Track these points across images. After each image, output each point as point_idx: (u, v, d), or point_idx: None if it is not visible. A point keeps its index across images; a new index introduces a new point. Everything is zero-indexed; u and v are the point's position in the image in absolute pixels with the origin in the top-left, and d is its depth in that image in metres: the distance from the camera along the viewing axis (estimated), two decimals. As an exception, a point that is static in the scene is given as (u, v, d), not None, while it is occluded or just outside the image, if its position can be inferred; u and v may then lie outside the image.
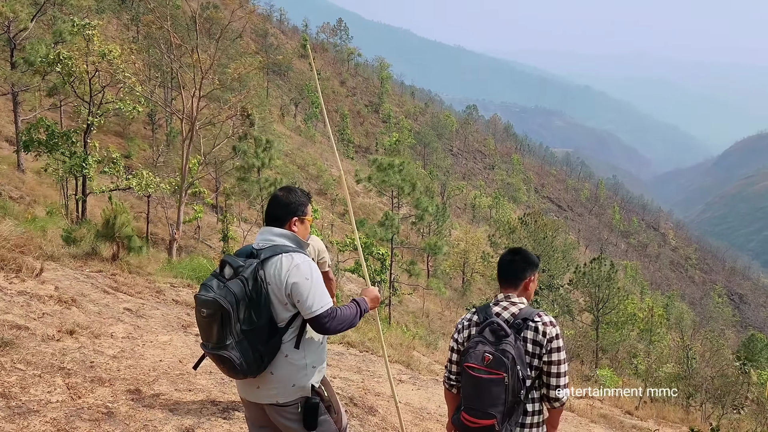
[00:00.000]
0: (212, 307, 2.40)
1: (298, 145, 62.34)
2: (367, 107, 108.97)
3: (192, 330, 6.68)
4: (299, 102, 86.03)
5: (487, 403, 2.54)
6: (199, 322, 2.52)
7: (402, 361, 8.74)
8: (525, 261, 2.90)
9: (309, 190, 3.07)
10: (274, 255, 2.58)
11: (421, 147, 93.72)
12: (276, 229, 2.72)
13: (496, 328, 2.66)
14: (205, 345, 2.52)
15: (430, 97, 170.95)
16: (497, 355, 2.54)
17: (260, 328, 2.49)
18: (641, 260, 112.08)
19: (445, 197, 78.10)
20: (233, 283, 2.45)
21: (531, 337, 2.69)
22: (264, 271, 2.54)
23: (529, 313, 2.74)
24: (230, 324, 2.41)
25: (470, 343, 2.68)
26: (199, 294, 2.48)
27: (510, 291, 2.85)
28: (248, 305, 2.46)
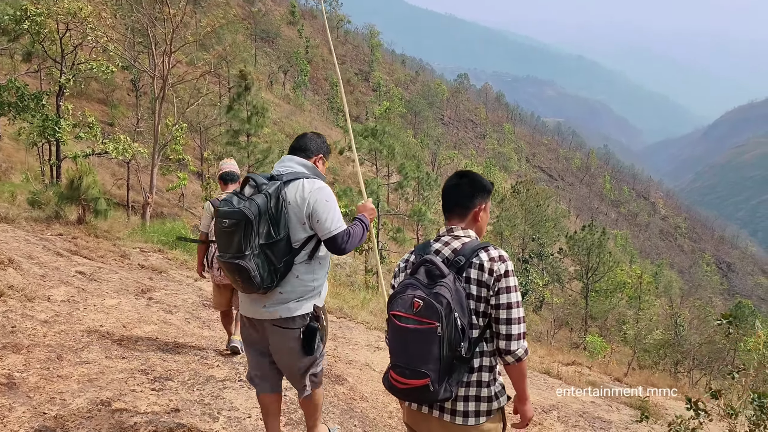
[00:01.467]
0: (236, 216, 2.49)
1: (287, 114, 61.31)
2: (357, 75, 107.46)
3: (148, 295, 6.16)
4: (288, 70, 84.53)
5: (418, 359, 2.06)
6: (219, 233, 2.59)
7: (381, 328, 8.28)
8: (473, 185, 2.39)
9: None
10: (296, 178, 2.70)
11: (412, 116, 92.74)
12: (300, 159, 2.85)
13: (431, 268, 2.16)
14: (222, 255, 2.57)
15: (420, 65, 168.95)
16: (428, 300, 2.05)
17: (277, 244, 2.58)
18: (631, 229, 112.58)
19: (436, 166, 77.47)
20: (257, 196, 2.56)
21: (475, 276, 2.19)
22: (286, 191, 2.65)
23: (473, 248, 2.23)
24: (250, 235, 2.50)
25: (399, 287, 2.18)
26: (221, 207, 2.57)
27: (454, 223, 2.37)
28: (268, 220, 2.57)
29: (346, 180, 49.47)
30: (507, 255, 2.26)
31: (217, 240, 2.65)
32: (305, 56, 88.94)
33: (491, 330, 2.23)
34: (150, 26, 14.59)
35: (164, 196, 29.64)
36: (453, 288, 2.10)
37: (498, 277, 2.18)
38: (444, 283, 2.09)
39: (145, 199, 14.65)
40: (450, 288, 2.09)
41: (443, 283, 2.09)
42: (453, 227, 2.35)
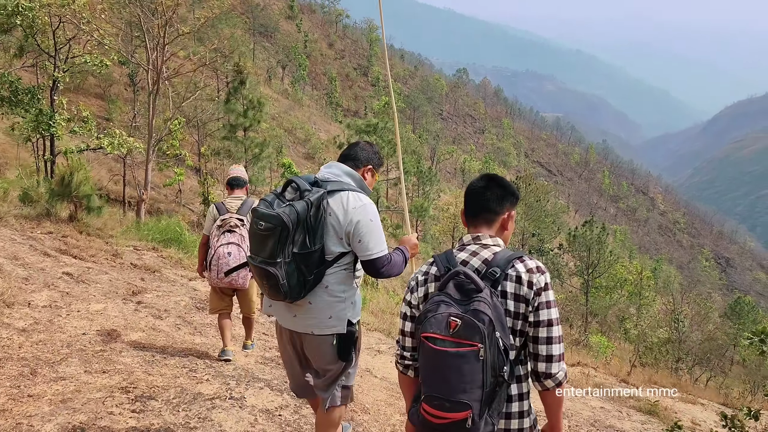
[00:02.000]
0: (273, 221, 2.39)
1: (285, 109, 60.90)
2: (356, 70, 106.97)
3: (138, 298, 5.87)
4: (286, 64, 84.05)
5: (458, 389, 1.77)
6: (253, 234, 2.51)
7: (382, 329, 8.01)
8: (502, 190, 2.16)
9: (297, 155, 2.56)
10: (341, 189, 2.57)
11: (411, 111, 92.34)
12: (347, 168, 2.70)
13: (463, 281, 1.89)
14: (253, 258, 2.49)
15: (419, 60, 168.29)
16: (468, 319, 1.78)
17: (310, 255, 2.46)
18: (630, 224, 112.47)
19: (435, 161, 77.18)
20: (298, 203, 2.44)
21: (512, 290, 1.94)
22: (329, 201, 2.53)
23: (508, 258, 1.99)
24: (285, 242, 2.39)
25: (429, 305, 1.89)
26: (259, 207, 2.47)
27: (481, 230, 2.13)
28: (305, 229, 2.45)
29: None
30: (544, 266, 2.03)
31: (251, 241, 2.58)
32: (304, 51, 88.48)
33: (526, 351, 2.00)
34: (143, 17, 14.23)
35: (161, 192, 29.32)
36: (491, 303, 1.85)
37: (538, 291, 1.95)
38: (482, 299, 1.83)
39: (139, 195, 14.34)
40: (489, 303, 1.83)
41: (481, 299, 1.83)
42: (480, 234, 2.10)
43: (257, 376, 4.05)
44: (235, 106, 19.95)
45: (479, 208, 2.14)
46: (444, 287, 1.91)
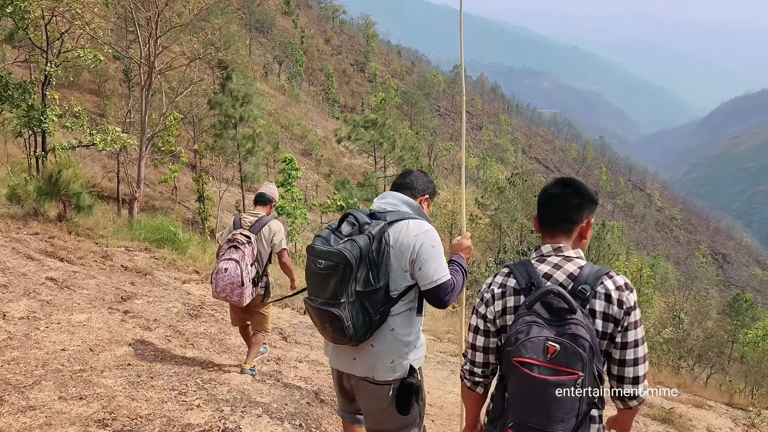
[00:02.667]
0: (334, 258, 2.21)
1: (282, 105, 60.45)
2: (353, 66, 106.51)
3: (126, 305, 5.49)
4: (283, 60, 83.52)
5: (556, 419, 1.65)
6: (311, 273, 2.32)
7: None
8: (581, 195, 1.98)
9: (293, 151, 2.16)
10: (401, 219, 2.42)
11: (408, 107, 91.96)
12: (405, 197, 2.54)
13: (553, 300, 1.74)
14: (313, 300, 2.31)
15: (416, 56, 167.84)
16: (568, 345, 1.64)
17: (375, 293, 2.30)
18: (627, 221, 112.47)
19: (432, 158, 76.80)
20: (359, 237, 2.27)
21: (601, 309, 1.81)
22: (389, 232, 2.36)
23: (596, 274, 1.85)
24: (348, 281, 2.22)
25: (519, 326, 1.74)
26: (315, 244, 2.31)
27: (560, 240, 1.97)
28: (368, 265, 2.28)
29: (342, 171, 48.81)
30: (631, 283, 1.89)
31: (308, 281, 2.37)
32: (300, 47, 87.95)
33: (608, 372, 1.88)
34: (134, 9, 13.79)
35: (156, 189, 28.90)
36: (587, 326, 1.70)
37: (628, 311, 1.82)
38: (579, 322, 1.69)
39: (132, 193, 13.94)
40: (585, 327, 1.69)
41: (578, 322, 1.69)
42: (561, 246, 1.95)
43: (254, 400, 3.67)
44: (222, 100, 19.56)
45: (557, 217, 1.97)
46: (533, 305, 1.77)
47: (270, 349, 5.36)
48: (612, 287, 1.80)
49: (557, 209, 1.97)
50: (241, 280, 4.15)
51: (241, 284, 4.16)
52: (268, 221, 4.48)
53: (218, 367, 4.33)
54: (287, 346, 5.71)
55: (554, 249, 1.94)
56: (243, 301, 4.28)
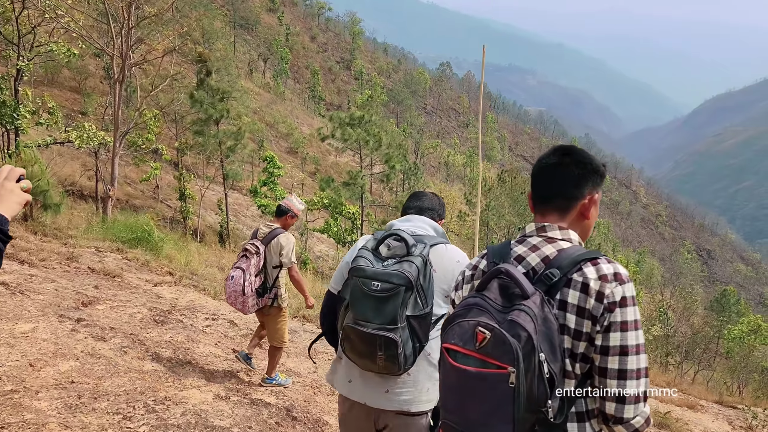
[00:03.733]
0: (396, 280, 2.06)
1: (267, 102, 59.83)
2: (339, 64, 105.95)
3: (84, 312, 5.04)
4: (268, 58, 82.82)
5: (475, 420, 1.36)
6: (362, 296, 2.11)
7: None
8: (581, 166, 1.60)
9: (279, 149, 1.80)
10: (438, 243, 2.31)
11: (394, 104, 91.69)
12: (427, 219, 2.45)
13: (507, 283, 1.44)
14: (364, 324, 2.10)
15: (403, 54, 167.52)
16: (498, 332, 1.32)
17: (424, 318, 2.17)
18: (613, 218, 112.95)
19: (419, 155, 76.53)
20: (414, 258, 2.14)
21: (575, 301, 1.43)
22: (431, 256, 2.24)
23: (575, 258, 1.47)
24: (407, 303, 2.10)
25: (459, 308, 1.46)
26: (362, 265, 2.12)
27: (551, 218, 1.61)
28: (418, 288, 2.15)
29: (328, 170, 48.35)
30: (626, 273, 1.46)
31: (357, 306, 2.14)
32: (285, 44, 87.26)
33: (593, 383, 1.45)
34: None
35: (138, 188, 28.30)
36: (539, 315, 1.37)
37: (610, 306, 1.40)
38: (525, 307, 1.36)
39: (105, 191, 13.42)
40: (534, 315, 1.35)
41: (524, 307, 1.36)
42: (546, 225, 1.58)
43: (212, 424, 3.22)
44: (202, 98, 19.05)
45: (550, 191, 1.62)
46: (484, 287, 1.47)
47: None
48: (593, 275, 1.42)
49: (551, 182, 1.62)
50: (242, 289, 4.29)
51: (243, 292, 4.29)
52: (278, 234, 4.57)
53: (178, 381, 3.90)
54: (261, 354, 5.30)
55: (538, 228, 1.59)
56: (245, 310, 4.38)
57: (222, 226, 24.17)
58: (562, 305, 1.43)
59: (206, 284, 7.97)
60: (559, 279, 1.44)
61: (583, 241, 1.61)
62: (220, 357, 4.90)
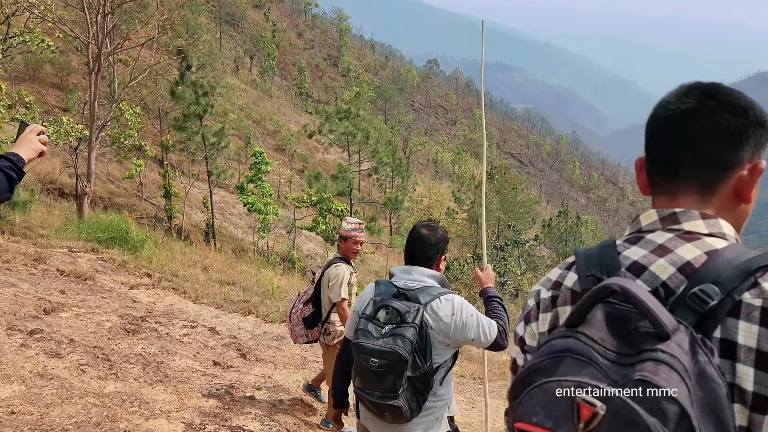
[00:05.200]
0: (390, 357, 2.25)
1: (253, 99, 59.02)
2: (326, 61, 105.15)
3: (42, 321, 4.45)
4: (254, 54, 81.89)
5: None
6: (364, 370, 2.31)
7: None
8: (737, 112, 0.95)
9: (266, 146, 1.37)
10: (432, 299, 2.41)
11: (382, 102, 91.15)
12: (425, 270, 2.54)
13: (624, 312, 0.81)
14: (369, 393, 2.33)
15: (390, 51, 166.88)
16: (621, 405, 0.70)
17: (424, 374, 2.35)
18: (601, 215, 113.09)
19: (408, 153, 76.06)
20: (406, 330, 2.31)
21: (751, 341, 0.79)
22: (427, 316, 2.39)
23: (744, 268, 0.83)
24: (404, 373, 2.29)
25: (540, 359, 0.82)
26: (361, 341, 2.30)
27: (684, 200, 0.96)
28: (414, 351, 2.32)
29: (315, 167, 47.71)
30: None
31: (361, 377, 2.37)
32: (272, 40, 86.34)
33: None
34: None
35: (121, 185, 27.55)
36: (692, 370, 0.75)
37: None
38: (665, 356, 0.74)
39: (81, 188, 12.76)
40: (684, 370, 0.73)
41: (663, 356, 0.74)
42: (680, 212, 0.95)
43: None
44: (183, 93, 18.37)
45: (684, 155, 0.97)
46: (580, 319, 0.84)
47: (223, 373, 4.40)
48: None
49: (687, 140, 0.96)
50: (289, 315, 4.11)
51: (289, 319, 4.11)
52: (332, 263, 4.14)
53: (145, 407, 3.33)
54: (245, 366, 4.73)
55: (663, 218, 0.95)
56: (293, 338, 4.11)
57: (208, 224, 23.54)
58: (726, 349, 0.81)
59: (187, 286, 7.38)
60: (720, 303, 0.81)
61: (737, 234, 0.97)
62: (198, 372, 4.33)
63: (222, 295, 7.22)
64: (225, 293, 7.31)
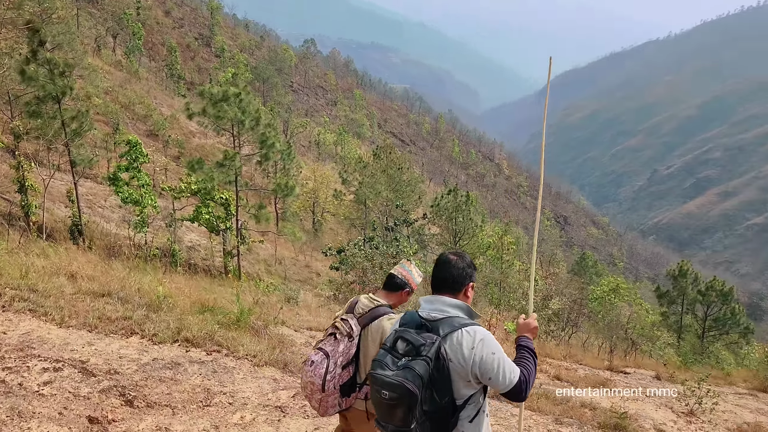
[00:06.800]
0: (398, 391, 2.24)
1: (120, 82, 54.66)
2: (198, 40, 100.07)
3: None
4: (118, 33, 76.03)
5: None
6: (378, 402, 2.35)
7: (275, 362, 5.68)
8: None
9: (137, 132, 1.35)
10: (453, 330, 2.39)
11: (260, 83, 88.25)
12: (449, 299, 2.51)
13: None
14: (384, 426, 2.36)
15: (265, 31, 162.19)
16: None
17: (442, 408, 2.32)
18: (480, 190, 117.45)
19: (289, 135, 74.21)
20: (417, 363, 2.28)
21: None
22: (446, 348, 2.36)
23: None
24: (416, 407, 2.26)
25: None
26: (376, 372, 2.32)
27: None
28: (431, 386, 2.30)
29: (193, 152, 45.12)
30: None
31: (376, 408, 2.37)
32: (137, 18, 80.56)
33: None
34: None
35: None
36: None
37: None
38: None
39: None
40: None
41: None
42: None
43: None
44: (36, 73, 16.12)
45: None
46: None
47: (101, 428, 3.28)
48: None
49: None
50: (322, 383, 3.02)
51: (322, 389, 3.03)
52: (383, 314, 3.15)
53: None
54: (133, 417, 3.63)
55: None
56: (322, 411, 3.13)
57: (74, 220, 21.12)
58: None
59: (49, 305, 5.94)
60: None
61: None
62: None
63: (96, 312, 5.89)
64: (99, 309, 5.99)
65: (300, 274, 30.96)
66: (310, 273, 31.64)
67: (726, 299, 24.34)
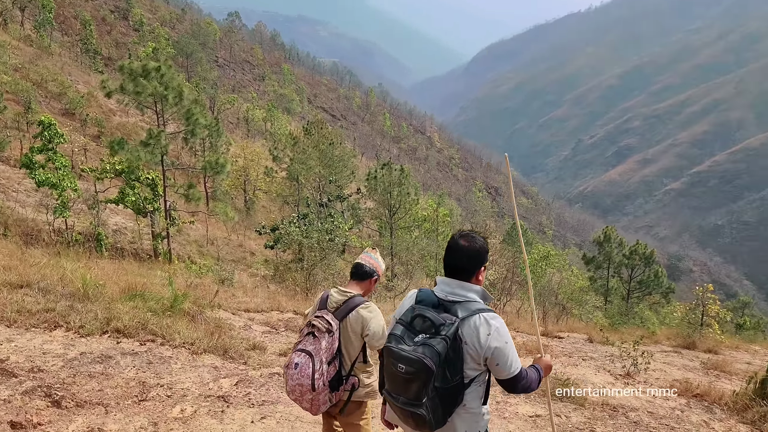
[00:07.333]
0: (416, 366, 2.35)
1: (30, 58, 51.35)
2: (114, 13, 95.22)
3: None
4: (26, 6, 71.29)
5: None
6: (392, 375, 2.46)
7: (214, 349, 5.38)
8: None
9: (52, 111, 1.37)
10: (470, 315, 2.49)
11: (183, 58, 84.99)
12: (464, 283, 2.59)
13: None
14: (395, 398, 2.47)
15: (186, 3, 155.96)
16: None
17: (453, 386, 2.44)
18: (412, 163, 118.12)
19: (216, 111, 72.02)
20: (437, 342, 2.39)
21: None
22: (462, 331, 2.46)
23: None
24: (430, 383, 2.36)
25: None
26: (392, 346, 2.44)
27: None
28: (446, 363, 2.40)
29: (114, 131, 43.11)
30: None
31: (389, 380, 2.49)
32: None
33: None
34: None
35: None
36: None
37: None
38: None
39: None
40: None
41: None
42: None
43: None
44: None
45: None
46: None
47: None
48: None
49: None
50: (311, 383, 3.09)
51: (312, 388, 3.10)
52: (358, 304, 3.23)
53: None
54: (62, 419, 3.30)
55: None
56: (314, 410, 3.22)
57: (-14, 206, 19.73)
58: None
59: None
60: None
61: None
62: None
63: (14, 305, 5.41)
64: (18, 302, 5.50)
65: (233, 254, 30.25)
66: (244, 252, 30.97)
67: (649, 262, 25.48)
